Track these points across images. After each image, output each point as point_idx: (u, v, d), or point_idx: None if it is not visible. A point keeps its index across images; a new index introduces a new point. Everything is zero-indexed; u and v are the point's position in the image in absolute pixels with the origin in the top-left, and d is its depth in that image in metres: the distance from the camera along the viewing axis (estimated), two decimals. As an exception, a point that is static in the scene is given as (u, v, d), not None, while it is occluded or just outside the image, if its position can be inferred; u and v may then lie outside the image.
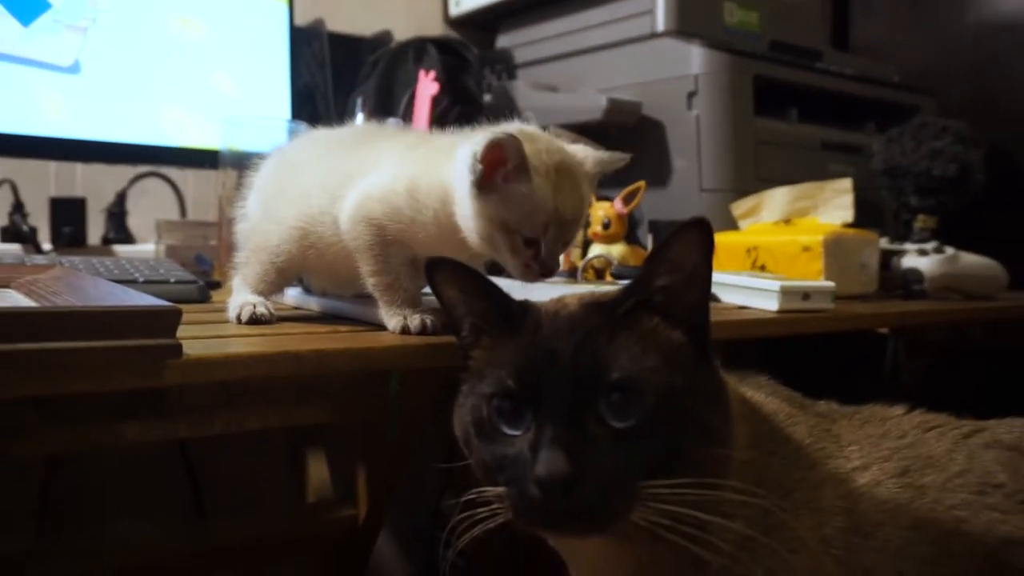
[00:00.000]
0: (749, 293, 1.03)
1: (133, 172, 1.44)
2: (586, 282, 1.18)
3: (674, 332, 0.58)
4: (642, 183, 1.24)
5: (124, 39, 1.25)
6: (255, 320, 0.76)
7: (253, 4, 1.37)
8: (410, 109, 1.44)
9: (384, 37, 1.68)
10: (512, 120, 0.78)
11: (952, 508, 0.61)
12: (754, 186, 1.37)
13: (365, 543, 1.34)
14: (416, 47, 1.55)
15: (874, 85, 1.71)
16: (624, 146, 1.47)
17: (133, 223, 1.45)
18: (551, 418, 0.54)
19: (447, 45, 1.57)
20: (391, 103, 1.50)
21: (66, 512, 1.33)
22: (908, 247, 1.35)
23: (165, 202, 1.50)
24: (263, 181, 0.86)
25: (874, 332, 1.61)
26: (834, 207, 1.27)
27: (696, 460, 0.55)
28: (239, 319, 0.77)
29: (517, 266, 0.72)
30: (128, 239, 1.43)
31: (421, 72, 1.45)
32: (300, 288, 0.93)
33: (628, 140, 1.47)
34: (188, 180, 1.52)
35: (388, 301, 0.76)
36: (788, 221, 1.29)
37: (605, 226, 1.26)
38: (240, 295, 0.81)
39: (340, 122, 1.43)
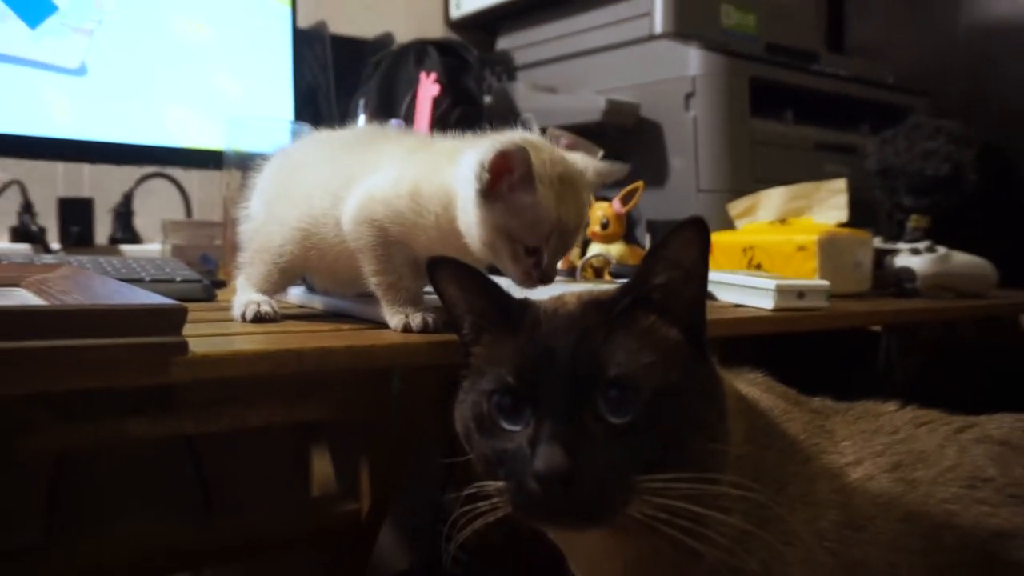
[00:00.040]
0: (745, 291, 1.04)
1: (139, 173, 1.43)
2: (585, 281, 1.18)
3: (671, 329, 0.58)
4: (640, 183, 1.23)
5: (130, 41, 1.24)
6: (259, 318, 0.77)
7: (256, 7, 1.36)
8: (411, 110, 1.42)
9: (386, 39, 1.67)
10: (513, 125, 0.77)
11: (943, 502, 0.61)
12: (750, 186, 1.37)
13: (368, 536, 1.34)
14: (417, 49, 1.54)
15: (868, 86, 1.71)
16: (622, 147, 1.50)
17: (139, 223, 1.44)
18: (550, 414, 0.54)
19: (448, 47, 1.56)
20: (393, 104, 1.49)
21: (75, 507, 1.33)
22: (901, 246, 1.35)
23: (171, 202, 1.49)
24: (266, 182, 0.86)
25: (867, 330, 1.62)
26: (829, 207, 1.28)
27: (692, 455, 0.55)
28: (244, 317, 0.77)
29: (517, 273, 0.72)
30: (135, 239, 1.42)
31: (422, 74, 1.44)
32: (303, 287, 0.93)
33: (626, 141, 1.49)
34: (193, 180, 1.51)
35: (391, 300, 0.76)
36: (783, 221, 1.29)
37: (603, 226, 1.25)
38: (244, 294, 0.81)
39: (342, 123, 1.42)
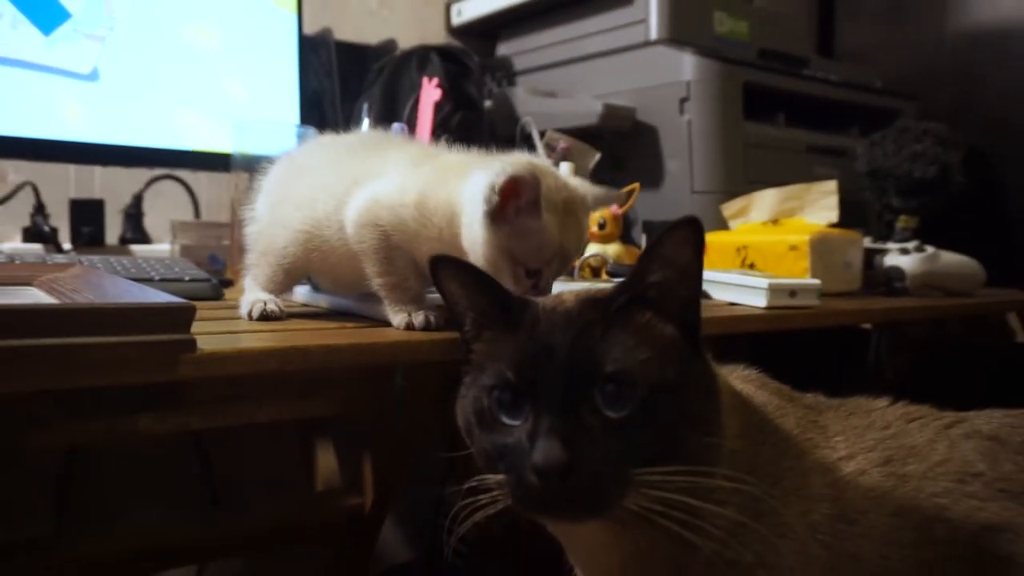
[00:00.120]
0: (739, 290, 1.05)
1: (149, 175, 1.44)
2: (582, 280, 1.18)
3: (666, 326, 0.59)
4: (636, 185, 1.24)
5: (140, 47, 1.26)
6: (266, 317, 0.78)
7: (263, 14, 1.37)
8: (414, 115, 1.43)
9: (389, 45, 1.68)
10: (513, 128, 0.80)
11: (934, 496, 0.62)
12: (743, 188, 1.38)
13: (371, 530, 1.35)
14: (419, 55, 1.55)
15: (858, 91, 1.72)
16: (619, 150, 1.53)
17: (149, 224, 1.45)
18: (548, 408, 0.55)
19: (449, 53, 1.57)
20: (395, 109, 1.50)
21: (84, 502, 1.34)
22: (890, 246, 1.37)
23: (180, 204, 1.50)
24: (271, 185, 0.87)
25: (858, 328, 1.63)
26: (820, 208, 1.28)
27: (688, 449, 0.56)
28: (250, 316, 0.78)
29: (516, 293, 0.73)
30: (144, 239, 1.44)
31: (424, 79, 1.44)
32: (308, 286, 0.94)
33: (623, 144, 1.50)
34: (201, 182, 1.52)
35: (394, 300, 0.77)
36: (776, 221, 1.30)
37: (601, 226, 1.26)
38: (251, 293, 0.82)
39: (347, 127, 1.45)
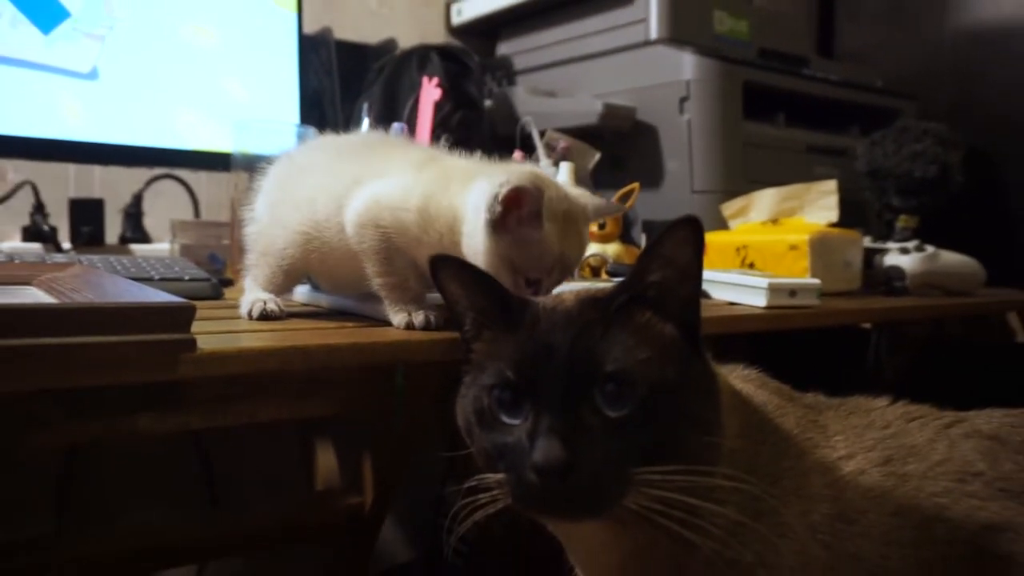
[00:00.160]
0: (738, 290, 1.05)
1: (149, 174, 1.44)
2: (582, 279, 1.18)
3: (666, 326, 0.59)
4: (636, 185, 1.25)
5: (140, 46, 1.26)
6: (266, 316, 0.78)
7: (263, 13, 1.37)
8: (414, 114, 1.42)
9: (389, 45, 1.68)
10: (513, 128, 0.80)
11: (933, 495, 0.62)
12: (743, 187, 1.38)
13: (371, 529, 1.35)
14: (419, 54, 1.55)
15: (858, 90, 1.73)
16: (619, 149, 1.53)
17: (149, 223, 1.45)
18: (548, 408, 0.55)
19: (449, 52, 1.57)
20: (395, 108, 1.50)
21: (84, 501, 1.34)
22: (890, 246, 1.37)
23: (179, 203, 1.50)
24: (271, 185, 0.87)
25: (858, 327, 1.63)
26: (819, 207, 1.29)
27: (687, 448, 0.56)
28: (250, 315, 0.79)
29: None
30: (144, 238, 1.43)
31: (424, 78, 1.44)
32: (309, 285, 0.94)
33: (623, 143, 1.51)
34: (201, 182, 1.52)
35: (394, 299, 0.77)
36: (776, 221, 1.30)
37: (601, 226, 1.26)
38: (251, 293, 0.82)
39: (347, 126, 1.45)
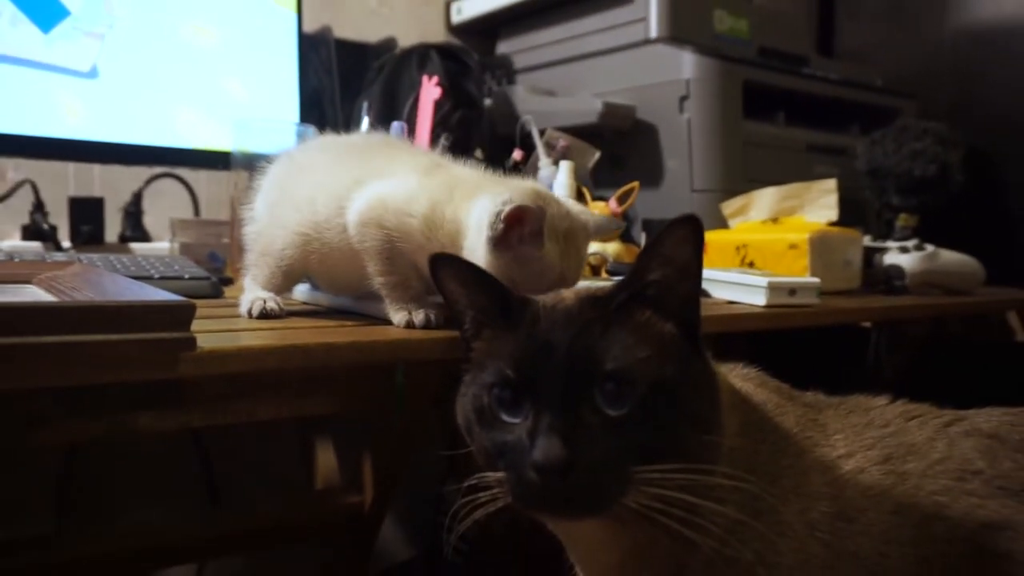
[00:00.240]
0: (738, 289, 1.05)
1: (149, 173, 1.44)
2: (582, 278, 1.20)
3: (666, 324, 0.59)
4: (636, 183, 1.23)
5: (140, 45, 1.26)
6: (265, 315, 0.78)
7: (263, 12, 1.37)
8: (413, 113, 1.41)
9: (389, 44, 1.68)
10: (513, 128, 0.80)
11: (933, 494, 0.62)
12: (743, 186, 1.38)
13: (371, 528, 1.36)
14: (419, 53, 1.55)
15: (858, 89, 1.72)
16: (619, 148, 1.53)
17: (149, 222, 1.45)
18: (548, 406, 0.55)
19: (449, 51, 1.57)
20: (395, 107, 1.50)
21: (85, 499, 1.34)
22: (890, 245, 1.37)
23: (179, 202, 1.49)
24: (270, 184, 0.87)
25: (858, 326, 1.63)
26: (819, 206, 1.29)
27: (687, 446, 0.56)
28: (250, 314, 0.78)
29: None
30: (144, 237, 1.43)
31: (424, 77, 1.43)
32: (308, 284, 0.94)
33: (623, 142, 1.51)
34: (201, 180, 1.52)
35: (395, 298, 0.77)
36: (775, 220, 1.30)
37: None
38: (251, 291, 0.82)
39: (347, 125, 1.45)
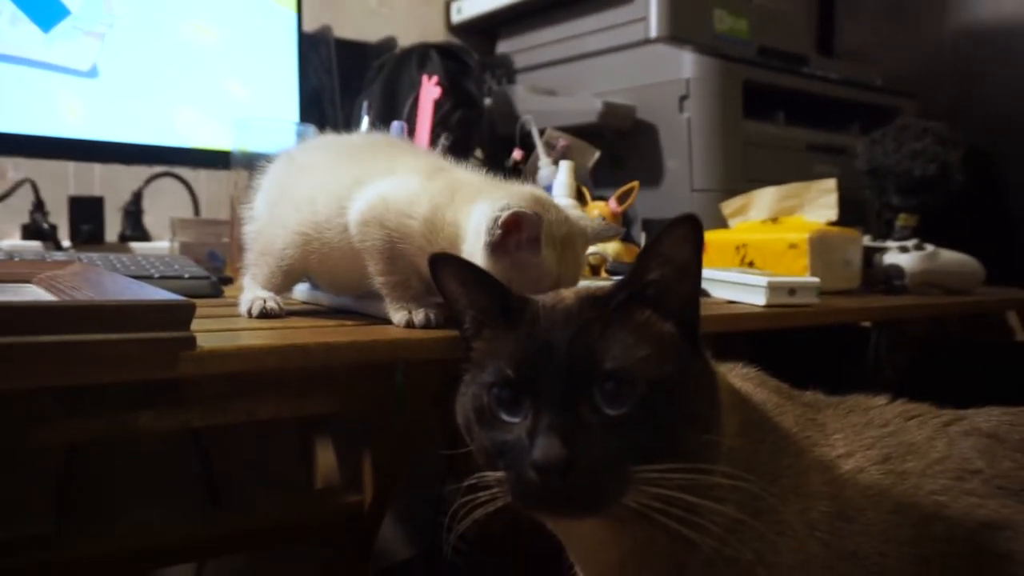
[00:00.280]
0: (738, 288, 1.05)
1: (149, 172, 1.44)
2: (582, 278, 1.20)
3: (665, 324, 0.59)
4: (636, 183, 1.25)
5: (140, 45, 1.26)
6: (265, 314, 0.79)
7: (263, 11, 1.37)
8: (413, 112, 1.41)
9: (389, 43, 1.68)
10: (513, 127, 0.80)
11: (932, 493, 0.62)
12: (743, 186, 1.38)
13: (371, 527, 1.35)
14: (419, 53, 1.55)
15: (858, 89, 1.73)
16: (619, 148, 1.53)
17: (149, 221, 1.45)
18: (548, 406, 0.55)
19: (449, 51, 1.57)
20: (395, 106, 1.50)
21: (85, 499, 1.34)
22: (890, 244, 1.37)
23: (179, 201, 1.50)
24: (270, 184, 0.87)
25: (857, 325, 1.63)
26: (819, 206, 1.29)
27: (686, 446, 0.56)
28: (250, 313, 0.79)
29: None
30: (144, 236, 1.44)
31: (424, 77, 1.43)
32: (308, 283, 0.94)
33: (623, 142, 1.51)
34: (201, 180, 1.52)
35: (395, 297, 0.77)
36: (775, 219, 1.31)
37: None
38: (251, 291, 0.82)
39: (346, 125, 1.45)
